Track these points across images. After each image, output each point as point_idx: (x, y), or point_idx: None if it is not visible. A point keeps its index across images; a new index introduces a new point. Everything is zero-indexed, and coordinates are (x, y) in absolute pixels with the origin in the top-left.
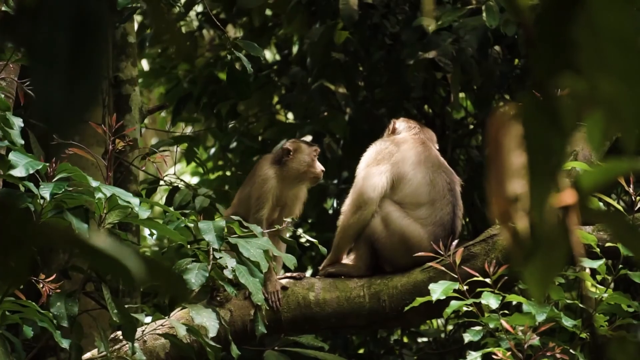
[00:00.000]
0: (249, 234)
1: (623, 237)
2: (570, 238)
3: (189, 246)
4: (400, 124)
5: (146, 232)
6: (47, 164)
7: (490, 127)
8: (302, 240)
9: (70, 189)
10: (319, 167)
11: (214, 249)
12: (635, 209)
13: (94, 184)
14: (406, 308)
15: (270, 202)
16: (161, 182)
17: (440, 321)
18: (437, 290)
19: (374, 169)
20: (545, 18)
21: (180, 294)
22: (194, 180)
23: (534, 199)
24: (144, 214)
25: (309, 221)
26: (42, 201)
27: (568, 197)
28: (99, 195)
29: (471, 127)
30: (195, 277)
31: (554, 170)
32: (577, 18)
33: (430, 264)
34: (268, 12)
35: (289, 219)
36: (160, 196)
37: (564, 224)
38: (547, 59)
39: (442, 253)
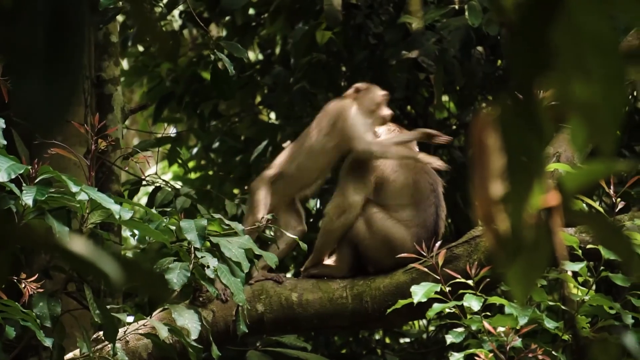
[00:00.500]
0: (231, 231)
1: (605, 239)
2: (553, 240)
3: (169, 245)
4: (380, 128)
5: (128, 232)
6: (30, 167)
7: (474, 128)
8: None
9: (52, 190)
10: (388, 110)
11: (195, 248)
12: (616, 210)
13: (75, 188)
14: (389, 310)
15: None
16: (143, 182)
17: (423, 322)
18: (419, 293)
19: (356, 172)
20: (524, 19)
21: (160, 295)
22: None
23: (512, 201)
24: (127, 215)
25: None
26: (24, 203)
27: (551, 198)
28: (80, 197)
29: (454, 127)
30: (176, 276)
31: (533, 173)
32: (557, 20)
33: (412, 265)
34: (251, 11)
35: (269, 216)
36: (142, 197)
37: (547, 225)
38: (525, 61)
39: (424, 254)
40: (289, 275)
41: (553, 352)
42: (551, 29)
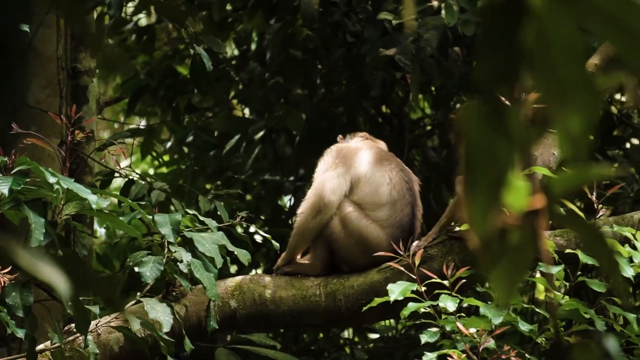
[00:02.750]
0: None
1: (588, 244)
2: (538, 243)
3: (141, 239)
4: (350, 136)
5: (98, 226)
6: (6, 158)
7: (462, 127)
8: (257, 237)
9: (28, 179)
10: None
11: (169, 243)
12: (598, 215)
13: (52, 179)
14: (364, 308)
15: None
16: (116, 175)
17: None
18: (396, 291)
19: (332, 172)
20: (492, 23)
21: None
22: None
23: (475, 205)
24: (103, 203)
25: (263, 217)
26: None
27: (537, 201)
28: (57, 187)
29: (428, 128)
30: (149, 270)
31: (500, 178)
32: (525, 24)
33: (388, 264)
34: (228, 7)
35: (243, 213)
36: (113, 190)
37: (532, 228)
38: (492, 65)
39: (400, 253)
40: (260, 271)
41: (526, 355)
42: (520, 33)
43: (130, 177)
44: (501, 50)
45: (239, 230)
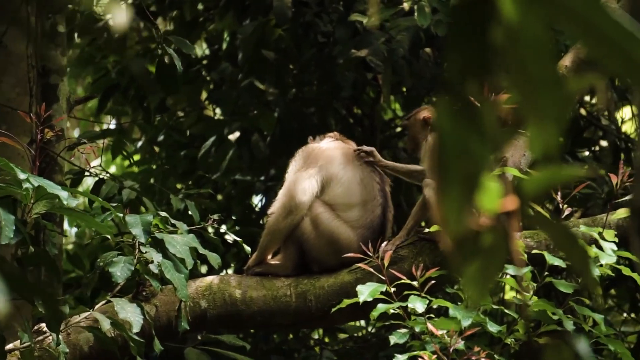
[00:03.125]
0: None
1: (562, 245)
2: (510, 244)
3: (113, 238)
4: (321, 137)
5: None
6: None
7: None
8: (228, 237)
9: None
10: None
11: (140, 243)
12: (563, 216)
13: (22, 176)
14: (333, 309)
15: None
16: (87, 174)
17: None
18: (365, 292)
19: (303, 173)
20: (462, 20)
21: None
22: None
23: (448, 205)
24: (73, 202)
25: (233, 217)
26: None
27: (509, 203)
28: (26, 185)
29: (399, 129)
30: (120, 270)
31: (472, 176)
32: (494, 22)
33: (358, 265)
34: (200, 6)
35: (215, 216)
36: (84, 188)
37: (504, 229)
38: (461, 62)
39: (370, 255)
40: (230, 272)
41: (495, 356)
42: (489, 31)
43: (101, 176)
44: (471, 48)
45: (210, 231)
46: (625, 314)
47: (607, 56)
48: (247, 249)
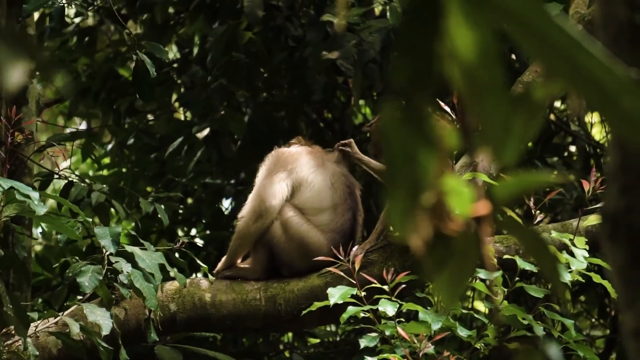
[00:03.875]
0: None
1: (532, 250)
2: (482, 248)
3: (82, 242)
4: (287, 144)
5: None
6: None
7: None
8: (198, 240)
9: None
10: None
11: (109, 254)
12: (535, 221)
13: None
14: (303, 312)
15: None
16: (56, 176)
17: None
18: (335, 295)
19: (273, 177)
20: (408, 26)
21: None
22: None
23: (394, 209)
24: (42, 210)
25: (204, 221)
26: None
27: (481, 208)
28: None
29: (369, 134)
30: (88, 280)
31: (419, 181)
32: (441, 31)
33: (328, 269)
34: (171, 9)
35: (183, 239)
36: (53, 190)
37: (476, 234)
38: (407, 69)
39: (341, 258)
40: (200, 275)
41: None
42: (436, 36)
43: (70, 179)
44: (418, 53)
45: (178, 255)
46: (593, 319)
47: (553, 64)
48: (205, 267)
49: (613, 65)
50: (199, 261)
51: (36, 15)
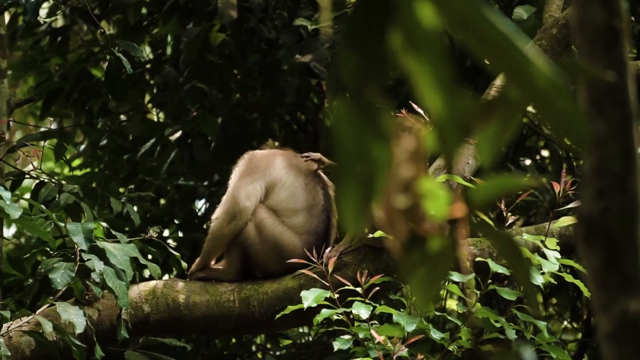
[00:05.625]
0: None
1: (504, 252)
2: (457, 251)
3: (53, 243)
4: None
5: (6, 227)
6: None
7: None
8: (170, 241)
9: None
10: None
11: (81, 251)
12: (507, 224)
13: None
14: (277, 315)
15: None
16: (27, 176)
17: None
18: (309, 298)
19: (247, 178)
20: (357, 22)
21: None
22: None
23: (345, 207)
24: (16, 213)
25: (177, 222)
26: None
27: (457, 210)
28: None
29: None
30: (60, 276)
31: (371, 180)
32: (391, 28)
33: (302, 271)
34: (144, 10)
35: (154, 228)
36: (22, 192)
37: (452, 237)
38: (356, 63)
39: (314, 260)
40: (173, 277)
41: None
42: (386, 33)
43: (41, 179)
44: (367, 50)
45: (152, 241)
46: (566, 322)
47: (495, 62)
48: (184, 265)
49: (545, 66)
50: (175, 253)
51: (7, 15)
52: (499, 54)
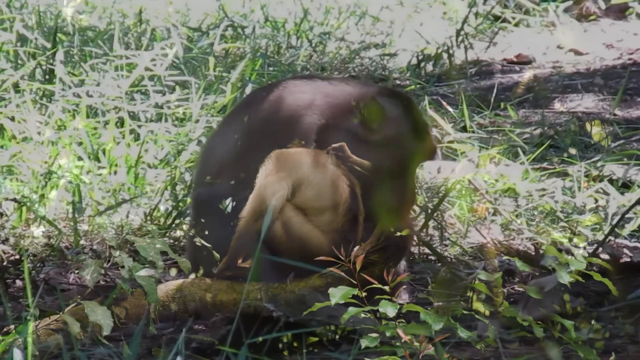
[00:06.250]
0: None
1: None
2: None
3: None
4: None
5: None
6: None
7: None
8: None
9: None
10: None
11: (110, 246)
12: None
13: None
14: (305, 312)
15: None
16: None
17: None
18: (337, 295)
19: (273, 176)
20: None
21: None
22: None
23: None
24: None
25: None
26: None
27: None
28: None
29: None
30: (90, 274)
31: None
32: None
33: (329, 269)
34: None
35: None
36: None
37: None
38: None
39: (342, 259)
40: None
41: None
42: None
43: None
44: None
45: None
46: (593, 321)
47: None
48: (217, 256)
49: None
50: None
51: None
52: None
